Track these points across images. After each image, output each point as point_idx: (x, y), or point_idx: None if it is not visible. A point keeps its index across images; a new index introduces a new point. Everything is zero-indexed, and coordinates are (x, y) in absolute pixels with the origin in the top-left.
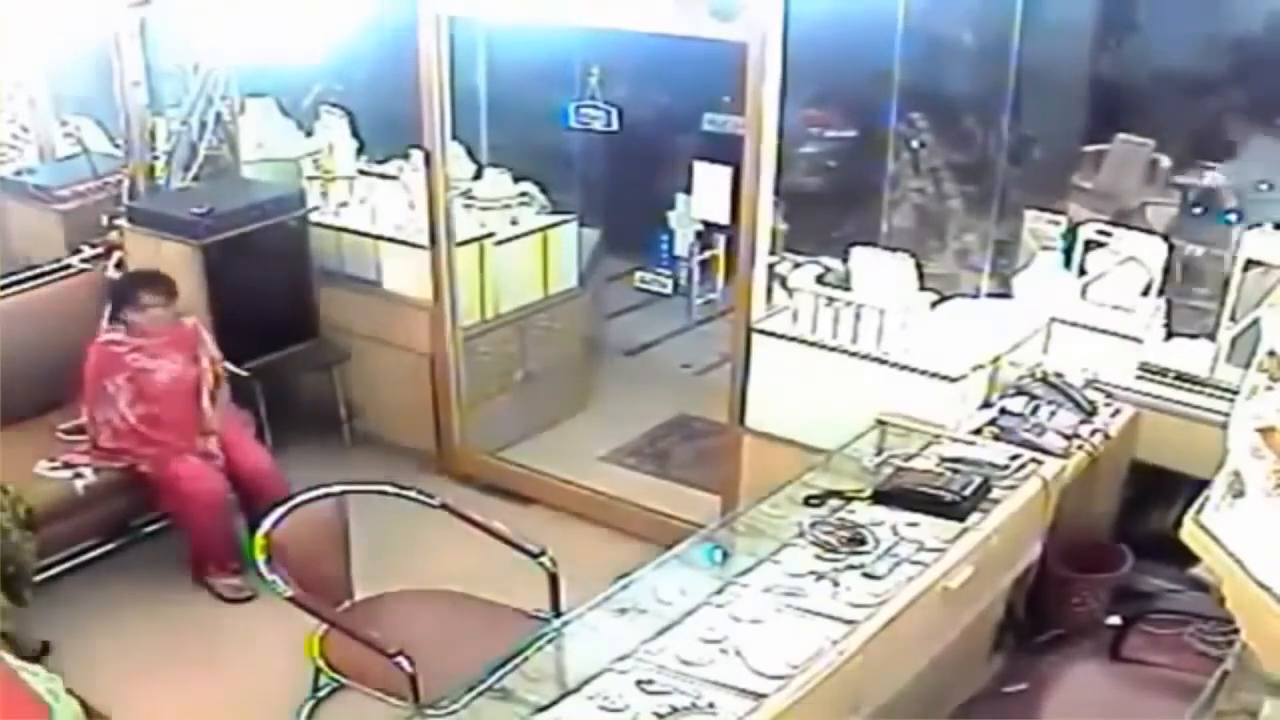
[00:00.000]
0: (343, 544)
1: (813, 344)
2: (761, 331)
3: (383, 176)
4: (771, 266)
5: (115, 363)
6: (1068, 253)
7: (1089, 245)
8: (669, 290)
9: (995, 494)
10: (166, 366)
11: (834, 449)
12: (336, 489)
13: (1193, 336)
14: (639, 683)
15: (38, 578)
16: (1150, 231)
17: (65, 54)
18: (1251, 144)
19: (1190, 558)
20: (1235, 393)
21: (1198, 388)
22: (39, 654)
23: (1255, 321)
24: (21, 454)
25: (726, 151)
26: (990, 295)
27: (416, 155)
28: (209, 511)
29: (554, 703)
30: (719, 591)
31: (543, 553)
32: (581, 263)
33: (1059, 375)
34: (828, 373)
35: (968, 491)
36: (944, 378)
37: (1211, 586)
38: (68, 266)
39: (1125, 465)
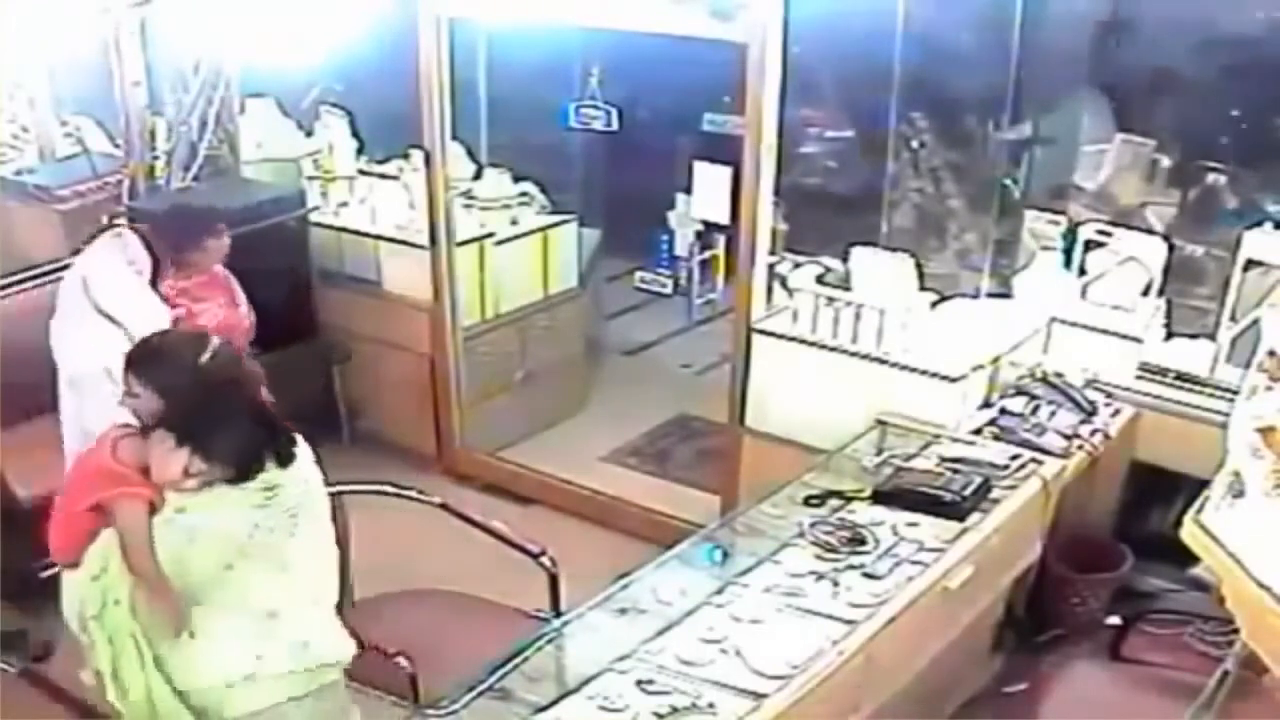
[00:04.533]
0: (342, 544)
1: (813, 344)
2: (761, 331)
3: (383, 176)
4: (771, 266)
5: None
6: (1068, 253)
7: (1089, 245)
8: (669, 290)
9: (995, 494)
10: (212, 310)
11: (834, 449)
12: (336, 489)
13: (1193, 336)
14: (639, 683)
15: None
16: (1150, 231)
17: (65, 54)
18: (1252, 143)
19: (1190, 558)
20: (1235, 393)
21: (1198, 388)
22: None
23: (1255, 321)
24: (22, 454)
25: (726, 151)
26: (990, 295)
27: (416, 155)
28: None
29: (554, 703)
30: (719, 591)
31: (543, 553)
32: (581, 263)
33: (1059, 375)
34: (828, 373)
35: (968, 491)
36: (944, 378)
37: (1211, 586)
38: (68, 266)
39: (1125, 465)
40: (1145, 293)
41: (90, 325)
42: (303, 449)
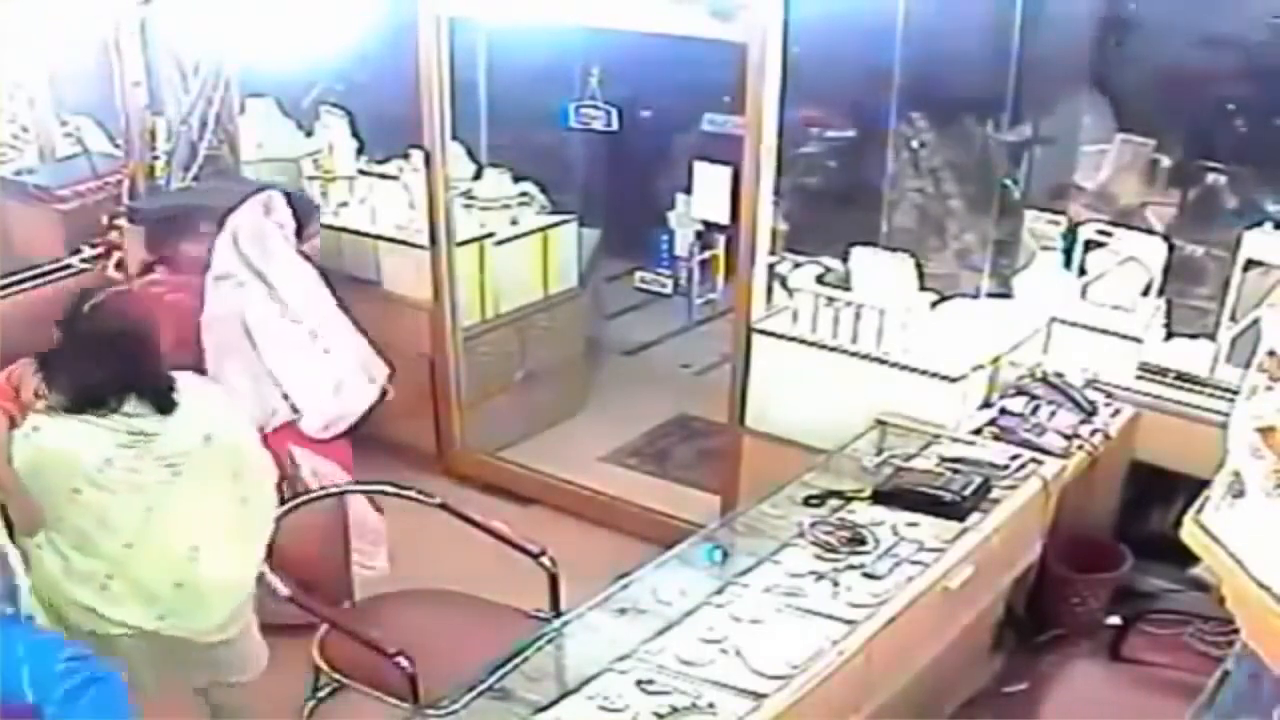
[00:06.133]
0: (343, 544)
1: (813, 344)
2: (761, 331)
3: (383, 176)
4: (771, 266)
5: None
6: (1068, 253)
7: (1089, 245)
8: (669, 290)
9: (995, 494)
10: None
11: (834, 449)
12: (337, 489)
13: (1193, 336)
14: (639, 683)
15: None
16: (1150, 231)
17: (65, 54)
18: (1252, 143)
19: (1190, 558)
20: (1235, 393)
21: (1198, 388)
22: None
23: (1255, 321)
24: None
25: (726, 151)
26: (990, 295)
27: (416, 155)
28: None
29: (554, 703)
30: (719, 591)
31: (543, 553)
32: (581, 263)
33: (1059, 375)
34: (828, 373)
35: (968, 491)
36: (944, 378)
37: (1211, 586)
38: (68, 266)
39: (1125, 465)
40: (1145, 293)
41: (239, 281)
42: (222, 412)
